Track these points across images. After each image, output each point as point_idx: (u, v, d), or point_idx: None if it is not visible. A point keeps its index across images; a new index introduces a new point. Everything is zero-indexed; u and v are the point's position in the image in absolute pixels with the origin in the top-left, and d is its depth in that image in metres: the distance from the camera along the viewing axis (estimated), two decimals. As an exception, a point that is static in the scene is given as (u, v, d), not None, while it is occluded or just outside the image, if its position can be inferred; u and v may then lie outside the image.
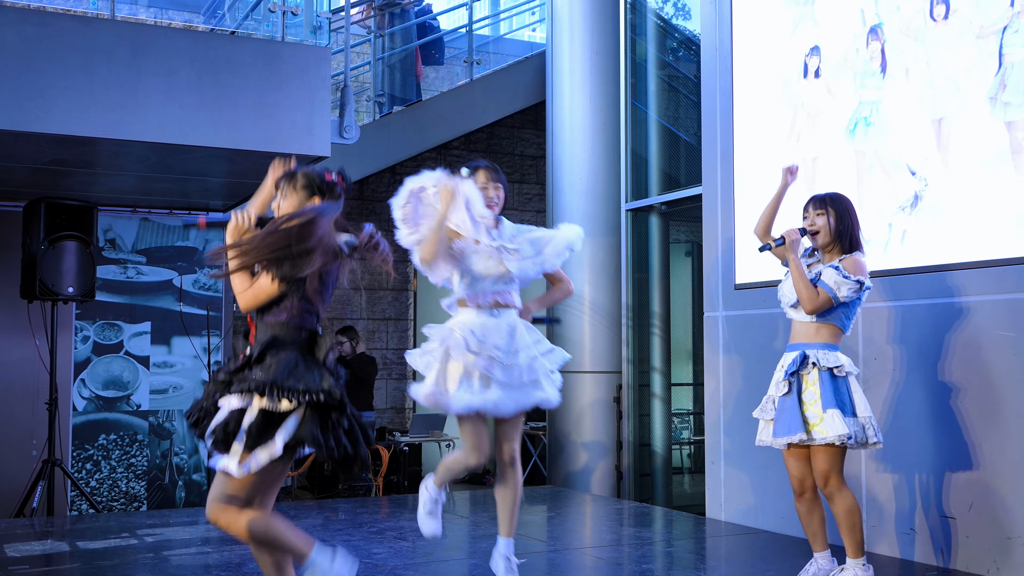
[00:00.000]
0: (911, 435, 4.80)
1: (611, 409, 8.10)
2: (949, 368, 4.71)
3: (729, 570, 4.98)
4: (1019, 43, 4.54)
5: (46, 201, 6.96)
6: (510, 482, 4.15)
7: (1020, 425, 4.41)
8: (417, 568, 4.78)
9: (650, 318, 8.13)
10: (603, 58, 8.30)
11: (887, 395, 4.93)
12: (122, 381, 7.94)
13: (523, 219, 10.91)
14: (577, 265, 8.24)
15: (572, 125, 8.34)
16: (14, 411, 7.46)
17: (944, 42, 4.87)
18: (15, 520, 6.47)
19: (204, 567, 4.78)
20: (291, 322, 3.26)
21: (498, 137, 10.81)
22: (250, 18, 7.41)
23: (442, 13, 10.55)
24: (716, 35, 6.42)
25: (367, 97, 9.73)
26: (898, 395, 4.88)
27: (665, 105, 8.24)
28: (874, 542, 4.98)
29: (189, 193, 7.65)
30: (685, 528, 6.00)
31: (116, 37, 5.87)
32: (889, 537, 4.96)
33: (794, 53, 5.82)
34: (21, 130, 5.62)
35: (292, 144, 6.26)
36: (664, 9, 8.35)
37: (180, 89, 5.97)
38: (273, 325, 3.24)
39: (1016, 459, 4.43)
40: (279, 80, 6.21)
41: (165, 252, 8.13)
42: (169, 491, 8.00)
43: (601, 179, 8.22)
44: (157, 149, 6.11)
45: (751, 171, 6.07)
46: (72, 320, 7.74)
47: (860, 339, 5.12)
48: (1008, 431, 4.47)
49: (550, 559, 5.08)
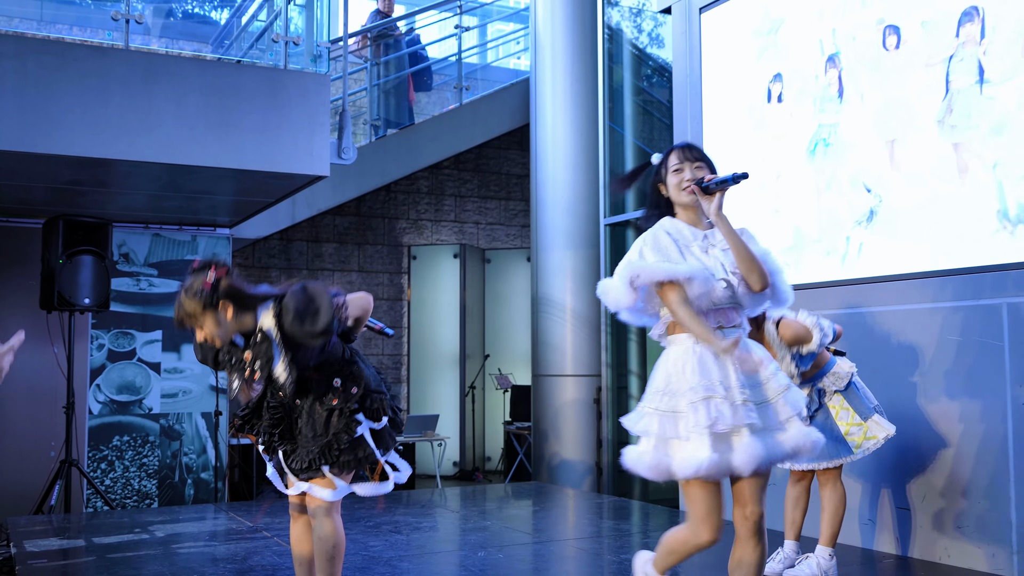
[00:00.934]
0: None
1: (591, 409, 8.10)
2: (904, 371, 4.74)
3: (701, 559, 4.96)
4: (963, 71, 4.57)
5: (64, 218, 6.95)
6: (751, 556, 2.94)
7: (969, 424, 4.44)
8: (411, 560, 4.77)
9: (627, 325, 8.13)
10: (583, 84, 8.33)
11: (846, 396, 4.94)
12: (135, 386, 7.91)
13: (509, 234, 10.93)
14: (559, 276, 8.26)
15: (554, 146, 8.36)
16: (34, 414, 7.43)
17: (896, 70, 4.91)
18: (34, 516, 6.44)
19: (211, 560, 4.76)
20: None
21: (486, 157, 10.82)
22: (255, 48, 7.41)
23: (433, 43, 10.58)
24: (687, 63, 6.45)
25: (364, 121, 9.73)
26: (856, 396, 4.89)
27: (640, 127, 8.26)
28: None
29: (198, 210, 7.64)
30: (660, 520, 6.00)
31: (130, 65, 5.86)
32: (851, 527, 4.97)
33: (758, 80, 5.85)
34: (41, 152, 5.61)
35: (294, 164, 6.25)
36: (639, 39, 8.38)
37: (189, 114, 5.96)
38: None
39: (964, 455, 4.46)
40: (282, 105, 6.20)
41: (175, 265, 8.11)
42: (179, 489, 7.96)
43: (581, 196, 8.24)
44: (168, 169, 6.10)
45: (720, 189, 6.09)
46: (88, 329, 7.72)
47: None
48: (957, 430, 4.49)
49: (535, 550, 5.08)
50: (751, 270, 2.95)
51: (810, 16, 5.50)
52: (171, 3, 8.08)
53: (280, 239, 9.84)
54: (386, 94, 9.70)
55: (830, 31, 5.35)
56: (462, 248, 10.16)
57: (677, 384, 2.89)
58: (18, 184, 6.53)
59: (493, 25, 11.59)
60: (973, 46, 4.54)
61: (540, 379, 8.37)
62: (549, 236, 8.34)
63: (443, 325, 10.11)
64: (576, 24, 8.40)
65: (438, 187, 10.62)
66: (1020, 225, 4.26)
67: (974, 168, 4.50)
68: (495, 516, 6.18)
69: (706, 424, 2.79)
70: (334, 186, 9.02)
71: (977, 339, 4.43)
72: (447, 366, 10.08)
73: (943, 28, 4.70)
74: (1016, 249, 4.28)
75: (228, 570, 4.47)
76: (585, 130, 8.28)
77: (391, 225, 10.35)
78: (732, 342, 2.84)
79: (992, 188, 4.41)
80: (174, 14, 8.14)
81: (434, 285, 10.18)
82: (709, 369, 2.87)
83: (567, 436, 8.08)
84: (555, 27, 8.47)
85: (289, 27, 6.66)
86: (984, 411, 4.38)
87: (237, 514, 6.20)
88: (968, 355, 4.47)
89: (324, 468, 3.23)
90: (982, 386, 4.40)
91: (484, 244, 10.75)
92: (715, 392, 2.83)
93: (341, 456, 3.23)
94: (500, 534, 5.31)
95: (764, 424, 2.88)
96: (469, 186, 10.79)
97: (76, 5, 8.02)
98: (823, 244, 5.30)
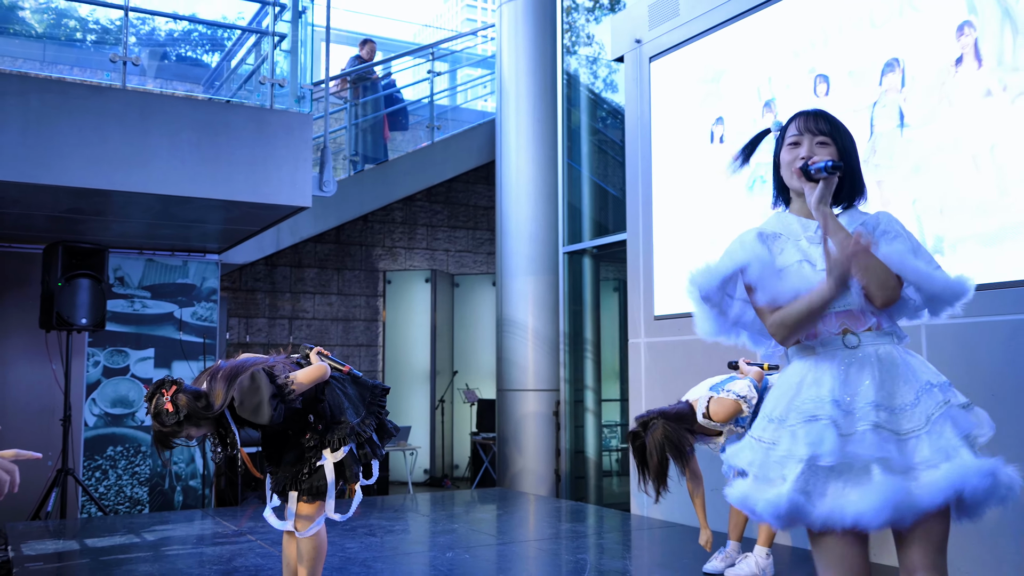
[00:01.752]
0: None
1: (551, 421, 8.11)
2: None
3: (651, 558, 4.99)
4: (886, 116, 4.67)
5: (63, 244, 6.88)
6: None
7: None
8: (385, 560, 4.74)
9: (584, 344, 8.17)
10: (543, 125, 8.39)
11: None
12: (128, 400, 7.81)
13: (476, 260, 10.95)
14: (522, 299, 8.27)
15: (518, 181, 8.40)
16: (33, 426, 7.32)
17: (826, 114, 5.00)
18: (31, 522, 6.32)
19: (199, 562, 4.70)
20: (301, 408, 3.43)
21: (455, 191, 10.85)
22: (243, 89, 7.40)
23: (407, 86, 10.61)
24: (638, 107, 6.52)
25: (343, 156, 9.73)
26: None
27: (596, 165, 8.33)
28: (772, 533, 5.02)
29: (189, 237, 7.58)
30: (614, 523, 6.00)
31: (126, 104, 5.83)
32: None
33: (702, 123, 5.93)
34: (43, 183, 5.55)
35: (279, 196, 6.24)
36: (595, 84, 8.47)
37: (182, 148, 5.94)
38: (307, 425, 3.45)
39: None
40: (267, 141, 6.19)
41: (167, 288, 8.04)
42: (168, 496, 7.85)
43: (542, 226, 8.28)
44: (161, 200, 6.06)
45: (668, 220, 6.15)
46: (85, 347, 7.63)
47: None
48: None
49: (499, 551, 5.06)
50: (869, 280, 2.07)
51: (749, 66, 5.59)
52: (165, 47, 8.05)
53: (265, 264, 9.79)
54: (364, 132, 9.72)
55: (767, 79, 5.44)
56: (433, 273, 10.16)
57: (786, 407, 2.08)
58: (21, 212, 6.46)
59: (462, 70, 11.64)
60: (894, 93, 4.64)
61: (504, 393, 8.37)
62: (512, 263, 8.36)
63: (415, 344, 10.09)
64: (538, 70, 8.47)
65: (411, 217, 10.63)
66: (937, 254, 4.35)
67: (895, 203, 4.59)
68: (462, 520, 6.16)
69: (804, 455, 1.98)
70: (316, 216, 9.00)
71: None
72: (419, 381, 10.05)
73: (868, 77, 4.80)
74: (933, 276, 4.35)
75: (215, 571, 4.42)
76: (545, 166, 8.34)
77: (368, 252, 10.33)
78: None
79: (912, 221, 4.49)
80: (168, 57, 8.10)
81: (407, 307, 10.17)
82: (823, 383, 2.06)
83: (528, 446, 8.08)
84: (519, 73, 8.53)
85: (275, 70, 6.66)
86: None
87: (223, 519, 6.13)
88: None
89: (291, 494, 3.39)
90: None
91: (453, 270, 10.76)
92: (823, 413, 2.01)
93: (302, 484, 3.36)
94: (467, 536, 5.29)
95: (903, 461, 1.97)
96: (440, 217, 10.80)
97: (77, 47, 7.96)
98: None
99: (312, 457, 3.36)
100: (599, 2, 8.38)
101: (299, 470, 3.36)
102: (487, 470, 9.16)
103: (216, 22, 7.94)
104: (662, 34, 6.31)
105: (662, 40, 6.31)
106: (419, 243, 10.63)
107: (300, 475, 3.35)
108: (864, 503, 1.92)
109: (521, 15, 8.60)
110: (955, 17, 4.37)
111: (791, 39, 5.29)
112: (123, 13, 6.40)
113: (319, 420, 3.38)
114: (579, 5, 8.46)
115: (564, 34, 8.44)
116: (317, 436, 3.37)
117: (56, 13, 7.65)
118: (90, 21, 7.82)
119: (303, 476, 3.35)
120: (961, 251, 4.26)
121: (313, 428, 3.38)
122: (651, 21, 6.42)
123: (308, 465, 3.35)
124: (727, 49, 5.77)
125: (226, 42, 8.01)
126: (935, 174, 4.40)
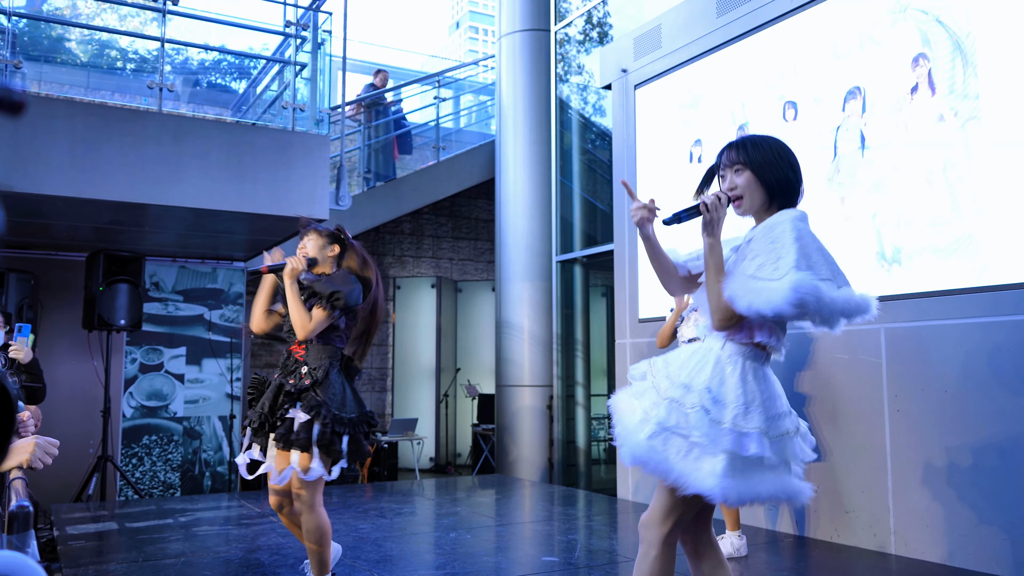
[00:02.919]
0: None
1: (544, 414, 8.08)
2: (802, 382, 4.78)
3: (635, 538, 4.96)
4: (848, 139, 4.66)
5: (104, 252, 6.85)
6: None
7: (852, 426, 4.48)
8: (395, 539, 4.71)
9: (575, 344, 8.15)
10: (538, 146, 8.38)
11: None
12: (162, 394, 7.78)
13: (477, 268, 10.92)
14: (518, 303, 8.25)
15: (515, 196, 8.39)
16: (76, 417, 7.29)
17: (794, 137, 4.99)
18: (74, 504, 6.28)
19: (226, 541, 4.67)
20: (340, 347, 3.30)
21: (458, 205, 10.83)
22: (267, 112, 7.38)
23: (415, 111, 10.59)
24: (624, 130, 6.51)
25: (357, 174, 9.71)
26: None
27: (586, 182, 8.32)
28: (746, 515, 5.00)
29: (218, 247, 7.56)
30: (602, 506, 5.98)
31: (162, 126, 5.81)
32: (757, 512, 4.99)
33: (682, 144, 5.92)
34: (87, 197, 5.53)
35: (299, 209, 6.21)
36: (585, 109, 8.46)
37: (212, 166, 5.91)
38: (325, 349, 3.25)
39: (849, 452, 4.49)
40: (289, 160, 6.17)
41: (198, 292, 8.01)
42: (198, 480, 7.81)
43: (537, 237, 8.26)
44: (193, 212, 6.04)
45: (651, 233, 6.14)
46: (123, 346, 7.60)
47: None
48: (844, 431, 4.53)
49: (497, 531, 5.03)
50: (709, 304, 2.15)
51: (724, 93, 5.58)
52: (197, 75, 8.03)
53: (286, 271, 9.74)
54: (376, 152, 9.70)
55: (740, 105, 5.43)
56: (438, 280, 10.13)
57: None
58: (67, 223, 6.43)
59: (465, 96, 11.63)
60: (856, 118, 4.63)
61: (502, 388, 8.34)
62: (510, 270, 8.34)
63: (422, 343, 10.06)
64: (533, 97, 8.46)
65: (418, 229, 10.60)
66: (895, 264, 4.33)
67: (856, 218, 4.57)
68: (464, 503, 6.12)
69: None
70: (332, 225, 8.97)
71: (861, 357, 4.48)
72: (425, 377, 10.02)
73: (832, 104, 4.79)
74: (891, 284, 4.35)
75: (240, 549, 4.39)
76: (540, 183, 8.32)
77: (379, 260, 10.30)
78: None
79: (872, 234, 4.48)
80: (200, 84, 8.08)
81: (415, 310, 10.14)
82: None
83: (524, 436, 8.05)
84: (516, 99, 8.52)
85: (296, 96, 6.64)
86: (865, 417, 4.42)
87: (247, 502, 6.09)
88: (853, 371, 4.52)
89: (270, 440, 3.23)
90: (863, 397, 4.44)
91: (456, 277, 10.73)
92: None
93: (277, 430, 3.15)
94: (469, 518, 5.26)
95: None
96: (444, 229, 10.78)
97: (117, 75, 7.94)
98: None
99: (286, 404, 3.15)
100: (589, 35, 8.37)
101: (272, 418, 3.16)
102: (487, 458, 9.13)
103: (243, 52, 7.92)
104: (646, 64, 6.30)
105: (646, 70, 6.30)
106: (426, 252, 10.61)
107: (274, 421, 3.15)
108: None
109: (519, 47, 8.59)
110: (911, 49, 4.36)
111: (763, 69, 5.28)
112: (159, 44, 6.38)
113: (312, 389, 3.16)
114: (571, 38, 8.45)
115: (557, 64, 8.44)
116: (299, 387, 3.17)
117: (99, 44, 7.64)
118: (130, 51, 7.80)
119: (277, 423, 3.15)
120: (917, 261, 4.25)
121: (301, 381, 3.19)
122: (636, 52, 6.41)
123: (281, 411, 3.15)
124: (705, 78, 5.76)
125: (252, 71, 7.99)
126: (893, 191, 4.39)
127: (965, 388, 3.95)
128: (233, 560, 4.15)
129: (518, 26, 8.63)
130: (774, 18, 5.20)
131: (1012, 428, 3.74)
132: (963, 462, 3.95)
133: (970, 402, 3.93)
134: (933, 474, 4.07)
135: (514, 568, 4.04)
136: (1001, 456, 3.78)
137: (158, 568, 3.96)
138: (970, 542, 3.87)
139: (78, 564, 4.03)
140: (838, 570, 3.97)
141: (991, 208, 3.92)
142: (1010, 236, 3.83)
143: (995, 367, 3.85)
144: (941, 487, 4.02)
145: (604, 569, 3.95)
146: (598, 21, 8.26)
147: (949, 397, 4.02)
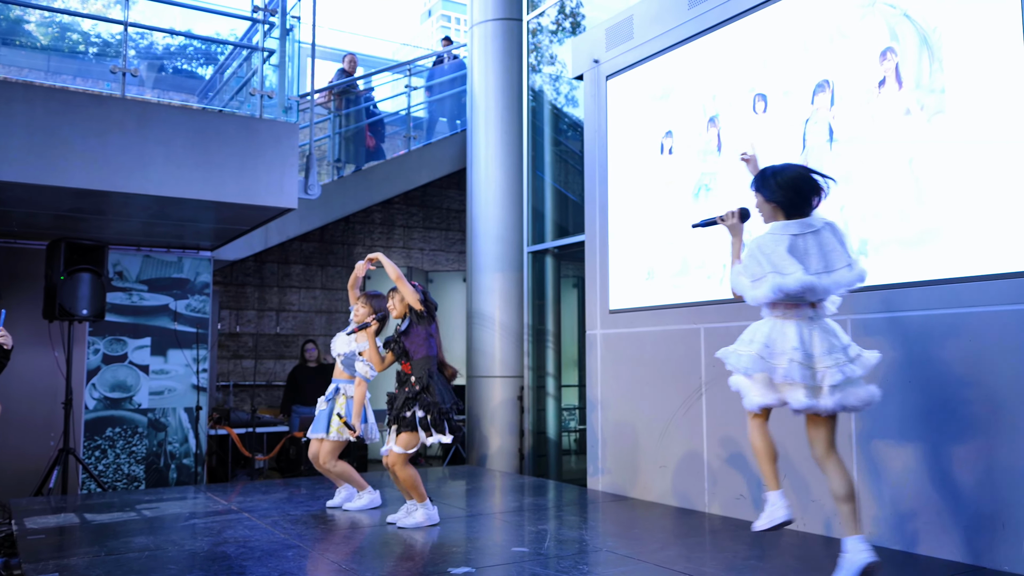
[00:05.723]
0: (739, 431, 4.91)
1: (515, 405, 8.11)
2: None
3: (604, 528, 5.00)
4: (817, 132, 4.71)
5: (65, 241, 6.75)
6: None
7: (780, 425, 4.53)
8: (363, 531, 4.70)
9: (546, 335, 8.18)
10: (510, 136, 8.38)
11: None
12: (126, 385, 7.69)
13: (448, 258, 10.91)
14: (489, 294, 8.26)
15: (487, 186, 8.38)
16: (36, 409, 7.19)
17: (764, 128, 5.04)
18: (35, 498, 6.20)
19: (192, 534, 4.64)
20: (433, 354, 4.83)
21: (430, 195, 10.80)
22: (234, 99, 7.31)
23: (386, 99, 10.53)
24: (596, 121, 6.53)
25: (327, 162, 9.65)
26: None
27: (557, 173, 8.34)
28: (709, 504, 5.05)
29: (183, 235, 7.48)
30: (571, 496, 6.02)
31: (125, 112, 5.73)
32: (723, 499, 5.04)
33: (653, 135, 5.95)
34: (47, 184, 5.45)
35: (267, 198, 6.17)
36: (557, 100, 8.47)
37: (177, 154, 5.85)
38: (421, 360, 4.78)
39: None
40: (257, 148, 6.12)
41: (163, 282, 7.93)
42: (163, 473, 7.75)
43: (508, 228, 8.27)
44: (158, 200, 5.97)
45: (622, 224, 6.17)
46: (86, 336, 7.50)
47: (703, 357, 5.22)
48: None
49: (468, 522, 5.05)
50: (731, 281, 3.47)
51: (695, 85, 5.62)
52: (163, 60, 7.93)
53: (254, 261, 9.68)
54: (346, 140, 9.64)
55: (711, 97, 5.47)
56: (409, 270, 10.11)
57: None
58: (26, 211, 6.33)
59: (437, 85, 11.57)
60: (825, 111, 4.69)
61: (473, 379, 8.35)
62: (481, 261, 8.34)
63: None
64: (505, 86, 8.45)
65: (389, 219, 10.57)
66: (861, 256, 4.40)
67: (825, 210, 4.62)
68: (435, 494, 6.13)
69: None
70: (301, 217, 8.92)
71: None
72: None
73: (801, 96, 4.84)
74: (858, 275, 4.40)
75: (206, 542, 4.36)
76: (512, 174, 8.32)
77: (350, 250, 10.25)
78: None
79: (840, 226, 4.53)
80: (165, 69, 7.98)
81: (385, 301, 10.10)
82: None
83: (495, 427, 8.07)
84: (488, 88, 8.51)
85: (264, 83, 6.58)
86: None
87: (214, 495, 6.06)
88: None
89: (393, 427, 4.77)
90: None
91: (428, 267, 10.71)
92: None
93: (402, 423, 4.70)
94: (440, 509, 5.26)
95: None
96: (415, 219, 10.75)
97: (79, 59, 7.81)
98: (705, 270, 5.40)
99: (413, 406, 4.64)
100: (561, 25, 8.37)
101: (401, 413, 4.66)
102: (457, 449, 9.14)
103: (210, 38, 7.83)
104: (618, 55, 6.32)
105: (618, 60, 6.31)
106: (396, 242, 10.57)
107: (401, 417, 4.66)
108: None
109: (490, 36, 8.57)
110: (879, 43, 4.42)
111: (733, 61, 5.32)
112: (123, 28, 6.29)
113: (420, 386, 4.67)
114: (543, 28, 8.45)
115: (530, 54, 8.43)
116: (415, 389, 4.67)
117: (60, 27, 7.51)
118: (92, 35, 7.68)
119: (403, 418, 4.65)
120: (884, 252, 4.32)
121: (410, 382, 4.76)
122: (608, 43, 6.43)
123: (407, 410, 4.63)
124: (676, 69, 5.79)
125: (219, 56, 7.91)
126: (861, 184, 4.45)
127: (927, 377, 4.03)
128: (199, 553, 4.13)
129: (490, 15, 8.60)
130: (745, 10, 5.24)
131: (970, 417, 3.83)
132: (927, 452, 4.02)
133: (934, 391, 4.00)
134: (899, 466, 4.14)
135: (484, 559, 4.06)
136: (961, 443, 3.85)
137: (121, 562, 3.92)
138: (930, 528, 3.95)
139: (38, 559, 3.98)
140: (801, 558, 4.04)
141: (956, 201, 3.99)
142: (975, 228, 3.91)
143: (956, 357, 3.92)
144: (907, 478, 4.09)
145: (573, 559, 3.98)
146: (571, 11, 8.26)
147: (913, 387, 4.10)
